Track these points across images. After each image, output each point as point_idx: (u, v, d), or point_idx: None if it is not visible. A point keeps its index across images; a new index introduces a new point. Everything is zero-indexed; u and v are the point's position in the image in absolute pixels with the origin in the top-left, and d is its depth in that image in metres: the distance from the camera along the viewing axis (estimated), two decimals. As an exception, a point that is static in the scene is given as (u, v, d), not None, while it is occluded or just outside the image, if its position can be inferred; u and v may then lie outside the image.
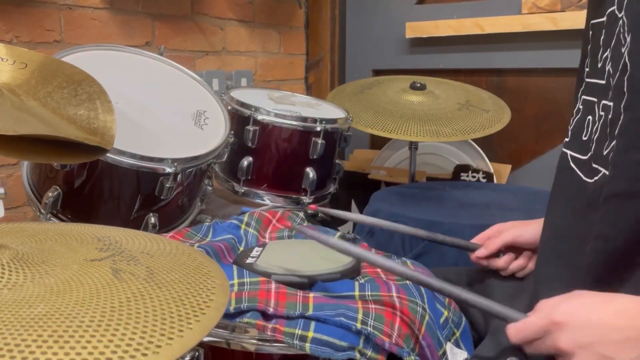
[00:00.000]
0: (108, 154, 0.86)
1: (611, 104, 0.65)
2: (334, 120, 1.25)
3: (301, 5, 2.11)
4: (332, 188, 1.35)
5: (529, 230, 0.86)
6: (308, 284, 0.74)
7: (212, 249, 0.81)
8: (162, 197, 0.98)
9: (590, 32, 0.74)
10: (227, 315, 0.66)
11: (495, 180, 1.75)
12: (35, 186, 1.02)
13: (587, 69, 0.75)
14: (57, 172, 0.96)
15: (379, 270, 0.82)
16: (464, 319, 0.80)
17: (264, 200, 1.25)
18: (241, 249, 0.88)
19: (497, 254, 0.88)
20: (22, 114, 0.69)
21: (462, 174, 1.77)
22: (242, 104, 1.23)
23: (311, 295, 0.69)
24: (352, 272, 0.78)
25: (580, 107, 0.75)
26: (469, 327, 0.80)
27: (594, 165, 0.68)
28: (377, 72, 2.14)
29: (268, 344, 0.65)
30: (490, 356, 0.71)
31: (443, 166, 1.88)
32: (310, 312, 0.65)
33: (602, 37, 0.70)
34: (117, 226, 0.63)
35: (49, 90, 0.78)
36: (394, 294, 0.71)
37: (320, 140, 1.21)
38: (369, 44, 2.17)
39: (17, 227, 0.58)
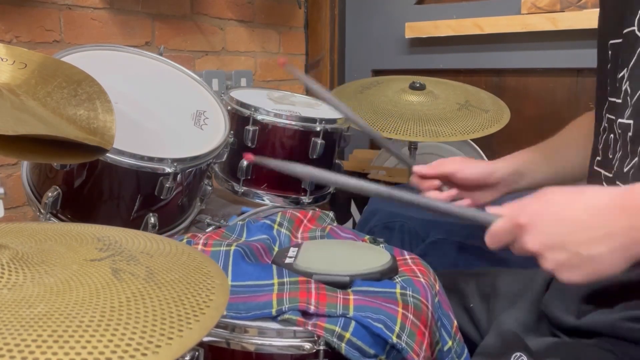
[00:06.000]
0: (108, 154, 0.86)
1: (630, 122, 0.66)
2: (333, 120, 1.25)
3: (301, 6, 2.11)
4: (331, 188, 1.35)
5: (469, 167, 0.86)
6: (349, 283, 0.74)
7: (249, 249, 0.82)
8: (161, 197, 0.98)
9: (610, 52, 0.74)
10: (269, 317, 0.67)
11: (494, 180, 1.75)
12: (35, 186, 1.02)
13: (609, 88, 0.75)
14: (57, 172, 0.96)
15: (414, 268, 0.82)
16: (466, 350, 0.80)
17: (263, 200, 1.25)
18: (275, 249, 0.89)
19: (438, 187, 0.88)
20: (22, 114, 0.69)
21: (461, 174, 1.76)
22: (242, 104, 1.23)
23: (351, 297, 0.69)
24: (391, 272, 0.78)
25: (606, 125, 0.75)
26: (468, 351, 0.81)
27: (617, 183, 0.69)
28: (377, 72, 2.14)
29: (268, 343, 0.65)
30: (495, 353, 0.72)
31: (443, 166, 1.87)
32: (351, 313, 0.66)
33: (620, 57, 0.71)
34: (117, 226, 0.63)
35: (49, 90, 0.78)
36: (429, 304, 0.72)
37: (319, 140, 1.22)
38: (368, 44, 2.17)
39: (17, 227, 0.58)
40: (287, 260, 0.78)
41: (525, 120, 1.82)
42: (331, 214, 1.03)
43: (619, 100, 0.71)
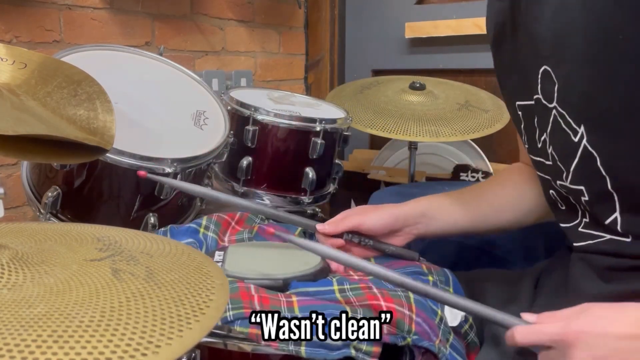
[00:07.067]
0: (108, 154, 0.86)
1: (580, 187, 0.67)
2: (333, 120, 1.25)
3: (301, 6, 2.11)
4: (331, 188, 1.35)
5: (372, 218, 0.85)
6: (283, 286, 0.73)
7: None
8: (161, 197, 0.98)
9: (521, 113, 0.75)
10: (225, 326, 0.65)
11: (494, 180, 1.75)
12: (34, 186, 1.02)
13: (526, 146, 0.76)
14: (57, 172, 0.96)
15: (347, 270, 0.82)
16: (449, 274, 0.80)
17: (263, 200, 1.25)
18: (202, 253, 0.87)
19: (341, 236, 0.87)
20: (22, 114, 0.69)
21: (461, 174, 1.77)
22: (242, 104, 1.23)
23: (294, 299, 0.68)
24: (323, 272, 0.77)
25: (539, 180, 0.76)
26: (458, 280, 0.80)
27: (589, 232, 0.69)
28: (377, 72, 2.15)
29: (265, 344, 0.65)
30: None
31: (442, 166, 1.88)
32: (297, 314, 0.64)
33: (536, 120, 0.71)
34: (117, 226, 0.63)
35: (49, 90, 0.78)
36: (371, 285, 0.71)
37: (319, 140, 1.22)
38: (368, 44, 2.17)
39: (16, 227, 0.58)
40: None
41: (525, 121, 1.82)
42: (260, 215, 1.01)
43: (549, 162, 0.71)
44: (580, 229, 0.71)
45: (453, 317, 0.72)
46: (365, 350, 0.62)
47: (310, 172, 1.24)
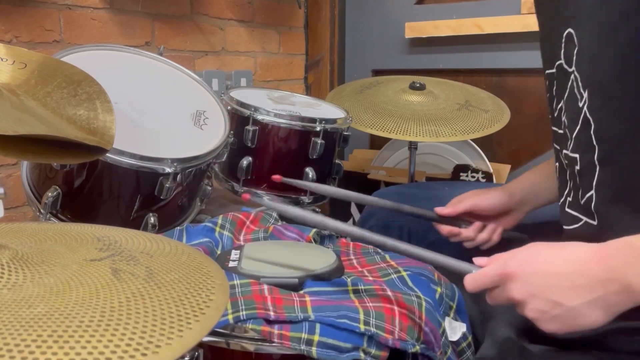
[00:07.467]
0: (107, 154, 0.86)
1: (576, 155, 0.67)
2: (333, 120, 1.25)
3: (301, 6, 2.11)
4: (331, 188, 1.35)
5: (486, 197, 0.88)
6: (299, 284, 0.73)
7: None
8: (161, 197, 0.98)
9: (547, 82, 0.76)
10: (226, 325, 0.66)
11: (494, 181, 1.75)
12: (34, 186, 1.02)
13: (550, 117, 0.77)
14: (57, 172, 0.96)
15: (362, 269, 0.82)
16: (456, 290, 0.80)
17: (263, 199, 1.25)
18: (218, 252, 0.87)
19: (458, 225, 0.91)
20: (22, 114, 0.69)
21: (461, 174, 1.77)
22: (242, 104, 1.23)
23: (308, 298, 0.68)
24: (338, 271, 0.78)
25: (554, 153, 0.77)
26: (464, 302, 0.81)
27: (572, 212, 0.70)
28: (377, 72, 2.14)
29: (267, 344, 0.65)
30: (493, 357, 0.71)
31: (442, 166, 1.88)
32: (310, 314, 0.65)
33: (555, 88, 0.72)
34: (117, 226, 0.63)
35: (49, 90, 0.78)
36: (385, 287, 0.71)
37: (319, 140, 1.22)
38: (368, 44, 2.17)
39: (16, 227, 0.58)
40: (231, 264, 0.77)
41: (525, 120, 1.82)
42: (275, 214, 1.02)
43: (561, 131, 0.71)
44: (566, 209, 0.72)
45: (452, 332, 0.72)
46: (374, 354, 0.63)
47: (310, 172, 1.24)
